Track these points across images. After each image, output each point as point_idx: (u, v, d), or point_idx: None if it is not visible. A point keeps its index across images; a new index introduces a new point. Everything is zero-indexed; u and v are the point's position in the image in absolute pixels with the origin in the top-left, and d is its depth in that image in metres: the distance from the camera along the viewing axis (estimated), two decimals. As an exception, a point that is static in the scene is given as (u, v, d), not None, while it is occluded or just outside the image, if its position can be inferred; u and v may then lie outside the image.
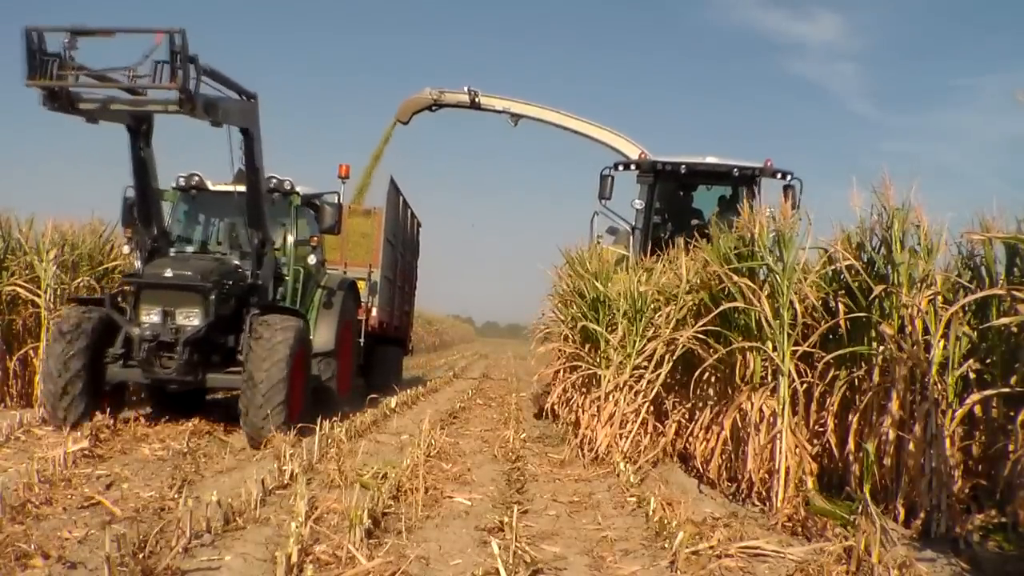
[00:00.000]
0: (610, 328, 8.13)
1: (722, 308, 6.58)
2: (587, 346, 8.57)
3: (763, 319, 6.16)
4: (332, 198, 10.42)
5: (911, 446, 5.42)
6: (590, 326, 8.30)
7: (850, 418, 6.00)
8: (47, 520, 4.87)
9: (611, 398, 7.84)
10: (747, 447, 6.16)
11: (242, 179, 8.99)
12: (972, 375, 5.58)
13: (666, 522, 5.14)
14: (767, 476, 6.05)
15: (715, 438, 6.61)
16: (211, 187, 10.06)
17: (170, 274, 8.44)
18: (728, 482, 6.60)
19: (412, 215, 16.89)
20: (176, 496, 5.53)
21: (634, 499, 6.07)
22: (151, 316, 8.32)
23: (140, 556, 3.95)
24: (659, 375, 7.70)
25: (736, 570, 4.49)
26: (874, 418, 5.82)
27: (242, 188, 8.96)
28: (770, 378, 6.23)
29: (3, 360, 10.27)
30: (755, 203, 11.26)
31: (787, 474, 5.86)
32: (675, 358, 7.64)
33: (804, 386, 6.22)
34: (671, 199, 12.61)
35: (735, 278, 6.48)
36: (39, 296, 10.07)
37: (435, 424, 9.36)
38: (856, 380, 6.15)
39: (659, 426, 7.83)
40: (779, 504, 5.75)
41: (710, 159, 11.86)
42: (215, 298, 8.45)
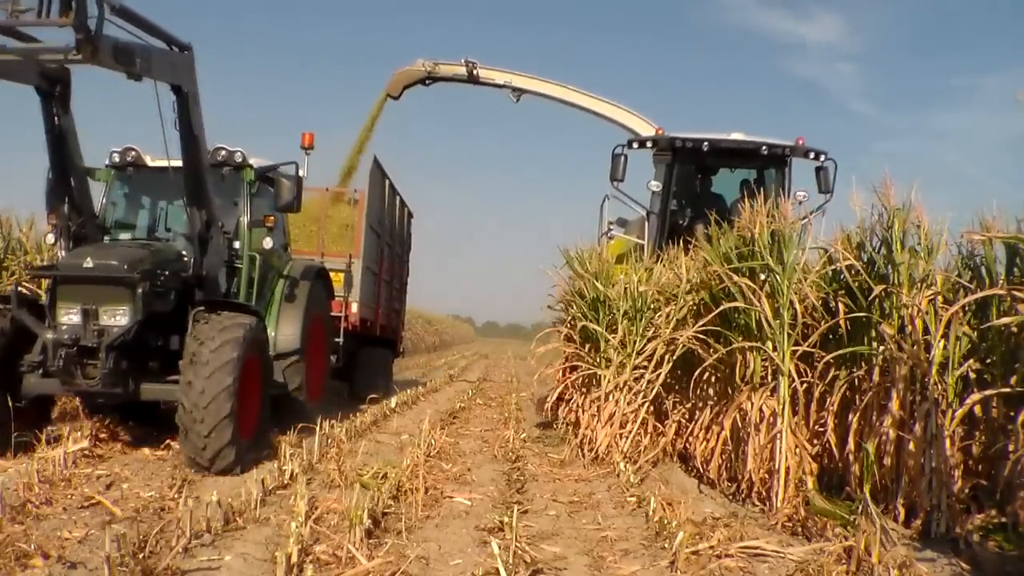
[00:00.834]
0: (610, 328, 8.12)
1: (722, 308, 6.58)
2: (587, 346, 8.56)
3: (763, 319, 6.16)
4: (290, 169, 8.61)
5: (911, 446, 5.41)
6: (590, 326, 8.30)
7: (850, 418, 5.99)
8: (47, 520, 4.87)
9: (611, 398, 7.84)
10: (747, 447, 6.16)
11: None
12: (972, 375, 5.57)
13: (666, 522, 5.14)
14: (767, 476, 6.05)
15: (715, 438, 6.61)
16: (151, 164, 8.42)
17: (90, 264, 6.91)
18: (728, 482, 6.60)
19: (402, 203, 15.30)
20: (176, 496, 5.53)
21: (634, 499, 6.08)
22: (69, 316, 6.87)
23: (140, 556, 3.96)
24: (659, 375, 7.70)
25: (736, 570, 4.49)
26: (874, 418, 5.82)
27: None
28: (770, 378, 6.23)
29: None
30: (785, 186, 10.70)
31: (787, 474, 5.86)
32: (675, 358, 7.64)
33: (804, 386, 6.22)
34: (689, 182, 11.46)
35: (735, 278, 6.48)
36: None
37: (435, 424, 9.37)
38: (856, 380, 6.14)
39: (659, 426, 7.83)
40: (779, 504, 5.75)
41: (736, 136, 10.79)
42: (147, 292, 6.98)
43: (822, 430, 6.28)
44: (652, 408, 7.85)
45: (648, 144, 11.23)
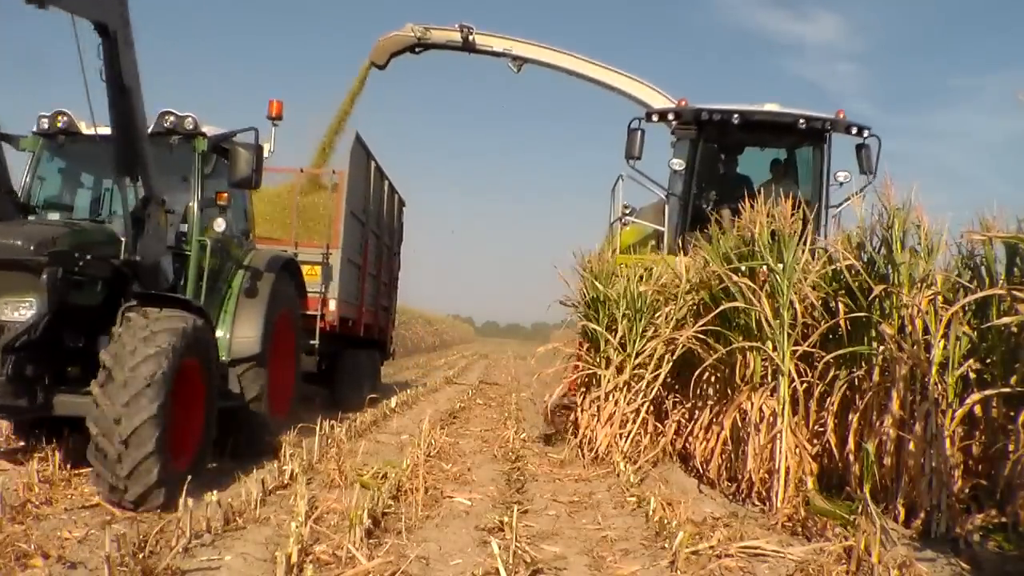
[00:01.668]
0: (610, 328, 8.11)
1: (722, 308, 6.58)
2: (587, 346, 8.54)
3: (763, 319, 6.16)
4: (248, 137, 7.12)
5: (911, 446, 5.41)
6: (589, 326, 8.29)
7: (850, 418, 6.00)
8: (47, 520, 4.87)
9: (611, 398, 7.84)
10: (747, 447, 6.16)
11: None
12: (972, 375, 5.57)
13: (666, 522, 5.14)
14: (767, 476, 6.05)
15: (715, 438, 6.61)
16: (86, 131, 7.09)
17: None
18: (728, 482, 6.59)
19: (392, 189, 13.86)
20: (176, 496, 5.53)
21: (634, 499, 6.07)
22: None
23: (140, 556, 3.95)
24: (659, 375, 7.70)
25: (736, 570, 4.49)
26: (874, 418, 5.82)
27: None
28: (770, 378, 6.23)
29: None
30: (824, 165, 9.77)
31: (787, 474, 5.86)
32: (675, 358, 7.63)
33: (804, 386, 6.22)
34: (713, 162, 10.28)
35: (735, 278, 6.48)
36: None
37: (435, 424, 9.36)
38: (856, 380, 6.15)
39: (659, 426, 7.83)
40: (779, 504, 5.75)
41: (770, 107, 9.66)
42: (60, 279, 5.71)
43: (822, 430, 6.28)
44: (652, 408, 7.85)
45: (670, 116, 10.02)
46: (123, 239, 6.26)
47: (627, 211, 10.32)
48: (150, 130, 6.49)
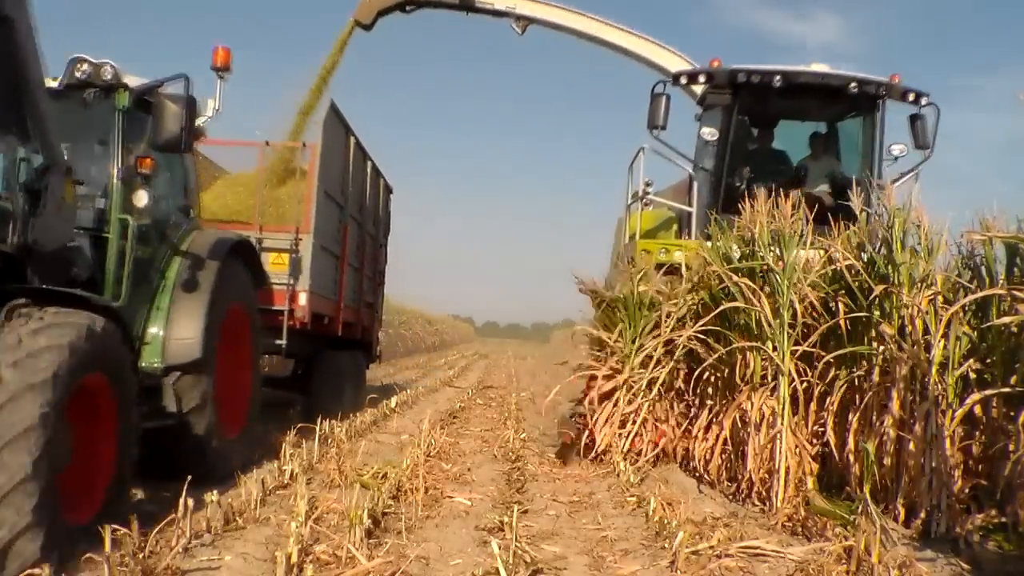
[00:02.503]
0: (610, 328, 8.08)
1: (722, 308, 6.58)
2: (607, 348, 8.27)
3: (763, 319, 6.16)
4: (177, 87, 5.71)
5: (911, 446, 5.42)
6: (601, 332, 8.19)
7: (850, 418, 6.00)
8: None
9: (611, 398, 7.82)
10: (747, 447, 6.16)
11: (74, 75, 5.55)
12: (972, 375, 5.58)
13: (666, 522, 5.14)
14: (767, 476, 6.05)
15: (715, 438, 6.61)
16: None
17: None
18: (728, 482, 6.59)
19: (376, 171, 12.33)
20: (176, 496, 5.52)
21: (634, 499, 6.07)
22: None
23: (140, 556, 3.95)
24: (659, 375, 7.68)
25: (736, 570, 4.49)
26: (874, 418, 5.82)
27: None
28: (770, 378, 6.23)
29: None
30: (876, 137, 8.68)
31: (787, 474, 5.87)
32: (675, 358, 7.61)
33: (804, 386, 6.22)
34: (744, 134, 9.14)
35: (735, 278, 6.47)
36: None
37: (435, 424, 9.36)
38: (856, 380, 6.14)
39: (659, 426, 7.81)
40: (779, 504, 5.75)
41: (817, 67, 8.55)
42: None
43: (822, 430, 6.28)
44: (652, 408, 7.82)
45: (700, 79, 8.80)
46: (13, 219, 4.59)
47: (648, 186, 9.01)
48: (59, 82, 5.52)
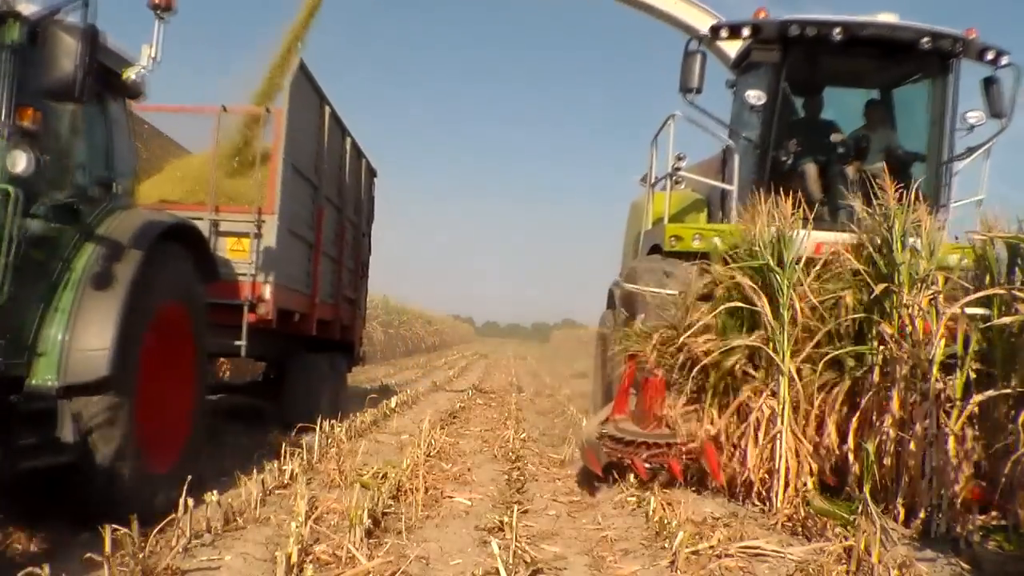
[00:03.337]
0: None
1: (722, 308, 6.57)
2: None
3: (763, 319, 6.15)
4: (73, 14, 4.36)
5: (911, 446, 5.41)
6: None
7: (850, 418, 5.99)
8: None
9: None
10: (747, 447, 6.15)
11: None
12: (972, 375, 5.57)
13: (666, 522, 5.14)
14: (767, 476, 6.04)
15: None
16: None
17: None
18: (728, 482, 6.58)
19: (357, 150, 10.97)
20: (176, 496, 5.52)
21: (634, 499, 6.07)
22: None
23: (140, 556, 3.95)
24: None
25: (736, 570, 4.49)
26: (874, 418, 5.82)
27: None
28: (770, 378, 6.23)
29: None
30: (948, 102, 7.60)
31: (787, 474, 5.86)
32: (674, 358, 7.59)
33: (804, 386, 6.21)
34: (788, 101, 7.88)
35: (737, 276, 6.45)
36: None
37: (435, 424, 9.37)
38: (856, 380, 6.14)
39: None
40: (779, 504, 5.75)
41: (884, 17, 7.39)
42: None
43: (822, 430, 6.27)
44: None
45: (744, 32, 7.45)
46: None
47: (680, 160, 8.03)
48: None
